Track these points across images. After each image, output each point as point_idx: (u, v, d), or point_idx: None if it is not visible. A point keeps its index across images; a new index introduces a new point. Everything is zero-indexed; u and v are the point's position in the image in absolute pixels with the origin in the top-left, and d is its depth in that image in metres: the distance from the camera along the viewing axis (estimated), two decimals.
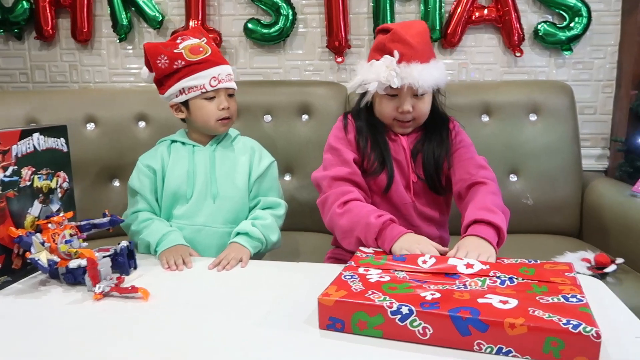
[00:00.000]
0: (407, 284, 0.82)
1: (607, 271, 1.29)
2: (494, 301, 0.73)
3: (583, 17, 1.83)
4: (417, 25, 1.17)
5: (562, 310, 0.70)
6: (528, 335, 0.67)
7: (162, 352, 0.74)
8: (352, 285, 0.81)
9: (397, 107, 1.17)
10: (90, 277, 0.96)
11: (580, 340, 0.65)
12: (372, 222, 1.05)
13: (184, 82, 1.26)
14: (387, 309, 0.73)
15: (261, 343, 0.76)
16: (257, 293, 0.95)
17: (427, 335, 0.72)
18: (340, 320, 0.77)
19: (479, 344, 0.69)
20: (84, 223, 1.11)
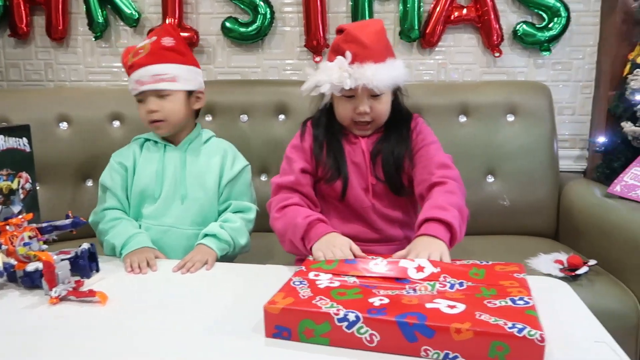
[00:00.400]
0: (357, 289, 0.81)
1: (579, 273, 1.28)
2: (442, 306, 0.73)
3: (562, 17, 1.82)
4: (372, 25, 1.15)
5: (509, 314, 0.70)
6: (474, 340, 0.66)
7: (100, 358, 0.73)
8: (300, 292, 0.80)
9: (355, 108, 1.15)
10: (47, 280, 0.94)
11: (524, 344, 0.64)
12: (299, 223, 1.06)
13: (129, 84, 1.29)
14: (334, 316, 0.72)
15: (204, 352, 0.74)
16: (218, 297, 0.93)
17: (374, 342, 0.71)
18: (287, 328, 0.75)
19: (425, 350, 0.69)
20: (45, 225, 1.09)
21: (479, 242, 1.56)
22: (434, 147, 1.19)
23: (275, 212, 1.14)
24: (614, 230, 1.39)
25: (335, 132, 1.20)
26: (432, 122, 1.68)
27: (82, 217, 1.13)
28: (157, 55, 1.26)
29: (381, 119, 1.19)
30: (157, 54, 1.26)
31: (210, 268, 1.09)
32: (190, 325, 0.81)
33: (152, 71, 1.25)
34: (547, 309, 0.84)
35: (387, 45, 1.17)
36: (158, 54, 1.26)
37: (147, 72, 1.25)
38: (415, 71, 1.93)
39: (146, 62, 1.25)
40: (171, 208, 1.27)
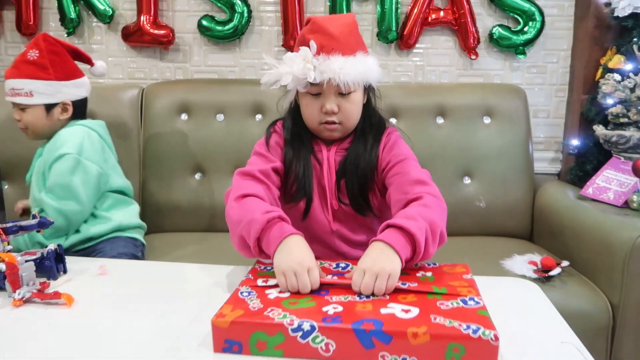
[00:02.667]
0: (309, 298, 0.78)
1: (552, 274, 1.30)
2: (397, 311, 0.72)
3: (537, 21, 1.85)
4: (343, 17, 1.07)
5: (462, 315, 0.70)
6: (431, 344, 0.66)
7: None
8: (249, 304, 0.76)
9: (321, 107, 1.03)
10: (10, 282, 0.90)
11: (480, 345, 0.65)
12: (257, 218, 0.89)
13: None
14: (288, 326, 0.69)
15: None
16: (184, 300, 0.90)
17: (330, 352, 0.69)
18: (237, 342, 0.71)
19: (383, 356, 0.68)
20: (10, 225, 1.05)
21: (454, 244, 1.55)
22: (409, 164, 1.04)
23: (232, 200, 0.97)
24: (586, 232, 1.41)
25: (303, 143, 1.09)
26: (409, 124, 1.71)
27: (48, 218, 1.10)
28: (18, 70, 1.35)
29: (351, 121, 1.06)
30: (18, 68, 1.35)
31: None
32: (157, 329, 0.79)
33: (10, 84, 1.35)
34: (516, 310, 0.85)
35: (358, 38, 1.05)
36: (19, 68, 1.35)
37: (7, 85, 1.36)
38: (392, 72, 1.94)
39: (9, 74, 1.36)
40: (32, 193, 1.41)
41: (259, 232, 0.88)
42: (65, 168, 1.32)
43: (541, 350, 0.72)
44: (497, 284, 0.97)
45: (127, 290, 0.96)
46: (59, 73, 1.38)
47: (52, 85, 1.36)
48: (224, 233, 1.13)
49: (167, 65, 1.96)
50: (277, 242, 0.86)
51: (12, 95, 1.35)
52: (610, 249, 1.30)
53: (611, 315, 1.28)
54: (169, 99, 1.77)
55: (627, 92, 1.63)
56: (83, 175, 1.34)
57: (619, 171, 1.55)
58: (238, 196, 0.97)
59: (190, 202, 1.73)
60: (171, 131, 1.74)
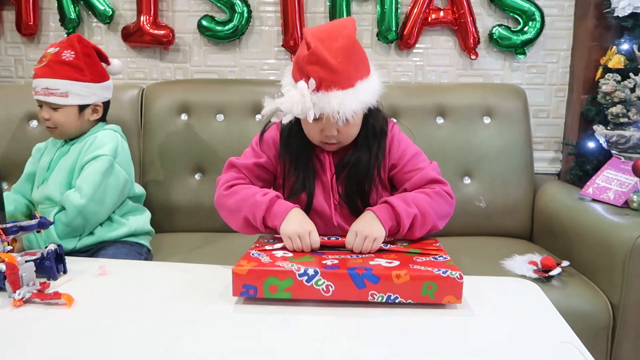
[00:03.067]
0: (309, 256, 0.95)
1: (552, 274, 1.30)
2: (382, 262, 0.90)
3: (537, 21, 1.85)
4: (342, 37, 0.99)
5: (434, 264, 0.88)
6: (410, 283, 0.83)
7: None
8: (261, 259, 0.92)
9: (322, 130, 1.06)
10: (10, 282, 0.90)
11: (448, 282, 0.83)
12: (259, 200, 1.03)
13: None
14: (296, 272, 0.85)
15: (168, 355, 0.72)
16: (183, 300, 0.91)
17: (329, 292, 0.84)
18: (253, 286, 0.86)
19: (372, 295, 0.84)
20: (9, 225, 1.05)
21: (454, 243, 1.57)
22: (420, 160, 1.13)
23: (223, 189, 1.10)
24: (586, 232, 1.41)
25: (304, 144, 1.13)
26: (409, 124, 1.70)
27: (48, 218, 1.10)
28: (53, 69, 1.34)
29: (350, 139, 1.10)
30: (53, 68, 1.34)
31: None
32: (157, 329, 0.79)
33: (44, 84, 1.34)
34: (516, 310, 0.86)
35: (358, 62, 1.03)
36: (54, 68, 1.34)
37: (40, 84, 1.34)
38: (392, 72, 1.94)
39: (42, 74, 1.34)
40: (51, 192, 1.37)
41: (264, 211, 1.03)
42: (99, 169, 1.33)
43: (541, 350, 0.72)
44: (497, 284, 0.97)
45: (127, 291, 0.96)
46: (93, 75, 1.39)
47: (88, 87, 1.38)
48: (224, 233, 1.14)
49: (167, 65, 1.96)
50: (282, 216, 1.01)
51: (46, 94, 1.34)
52: (610, 249, 1.29)
53: (611, 315, 1.28)
54: (169, 99, 1.77)
55: (627, 92, 1.63)
56: (113, 180, 1.35)
57: (619, 171, 1.55)
58: (226, 186, 1.10)
59: (190, 202, 1.73)
60: (171, 131, 1.74)
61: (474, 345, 0.74)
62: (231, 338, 0.77)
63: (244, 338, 0.77)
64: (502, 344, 0.74)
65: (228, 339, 0.77)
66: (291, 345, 0.74)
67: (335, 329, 0.79)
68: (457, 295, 0.83)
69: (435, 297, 0.83)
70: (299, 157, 1.13)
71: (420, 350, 0.72)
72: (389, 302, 0.84)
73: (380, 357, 0.71)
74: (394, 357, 0.71)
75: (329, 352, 0.73)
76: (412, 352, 0.72)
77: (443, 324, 0.80)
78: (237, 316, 0.83)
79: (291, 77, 1.04)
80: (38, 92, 1.34)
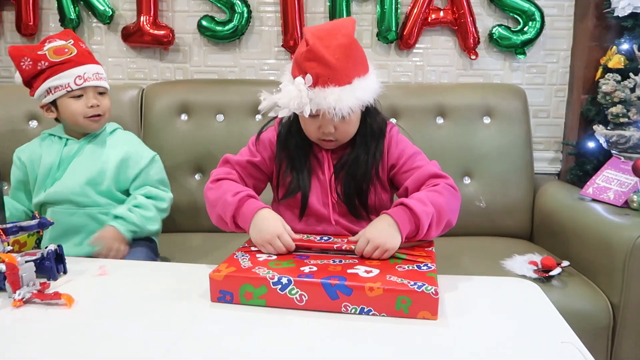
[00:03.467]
0: (291, 260, 0.94)
1: (552, 274, 1.30)
2: (360, 271, 0.87)
3: (537, 21, 1.85)
4: (341, 36, 1.00)
5: (413, 276, 0.85)
6: (383, 296, 0.81)
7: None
8: (241, 263, 0.92)
9: (319, 127, 1.06)
10: (10, 282, 0.90)
11: (423, 297, 0.80)
12: (229, 200, 1.03)
13: (49, 82, 1.30)
14: (270, 280, 0.84)
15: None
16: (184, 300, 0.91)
17: (303, 302, 0.84)
18: (230, 292, 0.86)
19: (345, 306, 0.83)
20: (10, 226, 1.05)
21: (454, 244, 1.57)
22: (419, 158, 1.13)
23: (210, 182, 1.12)
24: (586, 232, 1.41)
25: (302, 142, 1.13)
26: (409, 124, 1.71)
27: (49, 218, 1.10)
28: (90, 57, 1.36)
29: (347, 137, 1.11)
30: (89, 56, 1.36)
31: (123, 254, 1.26)
32: (157, 330, 0.79)
33: (94, 69, 1.34)
34: (516, 310, 0.86)
35: (356, 60, 1.03)
36: (89, 56, 1.36)
37: (90, 70, 1.33)
38: (392, 73, 1.94)
39: (86, 60, 1.33)
40: (72, 193, 1.34)
41: (233, 211, 1.03)
42: (162, 167, 1.45)
43: (541, 350, 0.72)
44: (497, 284, 0.97)
45: (127, 291, 0.96)
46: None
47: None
48: (224, 233, 1.14)
49: (167, 65, 1.96)
50: (249, 219, 1.01)
51: (97, 79, 1.34)
52: (610, 249, 1.29)
53: (611, 315, 1.28)
54: (169, 99, 1.77)
55: (627, 92, 1.63)
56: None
57: (619, 171, 1.55)
58: (213, 179, 1.12)
59: (190, 202, 1.73)
60: (171, 131, 1.74)
61: (474, 345, 0.74)
62: (231, 338, 0.77)
63: (243, 338, 0.77)
64: (502, 344, 0.73)
65: (228, 339, 0.77)
66: (291, 346, 0.74)
67: (335, 329, 0.79)
68: (433, 311, 0.80)
69: (410, 312, 0.80)
70: (295, 156, 1.13)
71: (420, 351, 0.72)
72: (362, 314, 0.82)
73: (382, 357, 0.71)
74: (392, 357, 0.71)
75: (328, 352, 0.73)
76: (412, 352, 0.72)
77: (443, 324, 0.80)
78: (237, 316, 0.83)
79: (290, 75, 1.05)
80: (88, 79, 1.32)
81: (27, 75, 1.31)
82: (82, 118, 1.33)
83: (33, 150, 1.39)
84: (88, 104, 1.32)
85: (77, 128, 1.36)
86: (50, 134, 1.40)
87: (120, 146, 1.39)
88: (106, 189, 1.36)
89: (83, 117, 1.33)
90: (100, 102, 1.34)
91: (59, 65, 1.29)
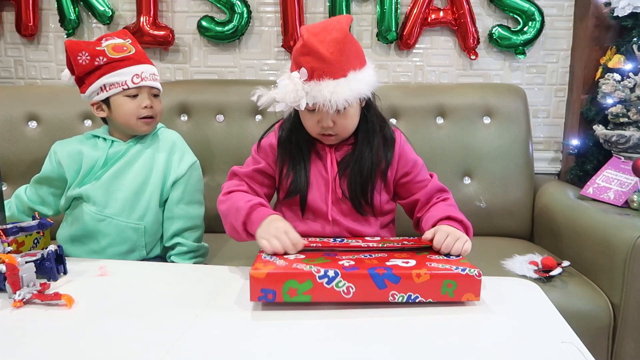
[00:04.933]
0: (322, 258, 0.92)
1: (553, 274, 1.29)
2: (399, 262, 0.88)
3: (536, 21, 1.85)
4: (335, 31, 1.02)
5: (450, 262, 0.88)
6: (430, 282, 0.83)
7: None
8: (275, 263, 0.89)
9: (318, 121, 1.08)
10: (10, 283, 0.90)
11: (467, 280, 0.84)
12: (241, 207, 1.05)
13: (105, 79, 1.26)
14: (316, 274, 0.83)
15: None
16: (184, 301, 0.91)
17: (350, 294, 0.83)
18: (272, 290, 0.83)
19: (393, 295, 0.84)
20: (10, 226, 1.06)
21: None
22: (423, 171, 1.18)
23: (222, 195, 1.14)
24: (586, 232, 1.41)
25: (302, 140, 1.15)
26: (409, 124, 1.72)
27: (48, 219, 1.10)
28: (147, 58, 1.33)
29: (347, 131, 1.12)
30: (146, 56, 1.32)
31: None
32: (157, 330, 0.79)
33: (151, 70, 1.30)
34: (516, 310, 0.86)
35: (351, 54, 1.04)
36: (146, 56, 1.33)
37: (148, 70, 1.29)
38: (392, 73, 1.94)
39: (144, 60, 1.30)
40: (109, 200, 1.28)
41: (244, 217, 1.04)
42: (200, 175, 1.40)
43: (541, 350, 0.72)
44: (497, 284, 0.97)
45: (128, 291, 0.96)
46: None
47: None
48: (224, 234, 1.14)
49: (167, 66, 1.96)
50: (259, 222, 1.02)
51: (153, 80, 1.30)
52: (611, 249, 1.29)
53: (612, 315, 1.28)
54: (169, 99, 1.76)
55: (627, 91, 1.63)
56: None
57: (619, 171, 1.55)
58: (225, 192, 1.14)
59: None
60: None
61: (474, 345, 0.74)
62: (231, 339, 0.77)
63: (244, 339, 0.77)
64: (502, 344, 0.73)
65: (228, 340, 0.76)
66: (294, 346, 0.74)
67: (330, 329, 0.79)
68: (476, 292, 0.84)
69: (455, 295, 0.83)
70: (297, 155, 1.14)
71: (420, 351, 0.72)
72: (409, 302, 0.83)
73: (382, 357, 0.70)
74: (394, 357, 0.71)
75: (328, 353, 0.73)
76: (412, 353, 0.72)
77: (443, 324, 0.80)
78: (237, 317, 0.83)
79: (289, 72, 1.06)
80: (145, 78, 1.27)
81: (83, 70, 1.26)
82: (134, 119, 1.28)
83: (73, 146, 1.32)
84: (142, 104, 1.28)
85: (127, 129, 1.30)
86: (94, 135, 1.33)
87: (165, 149, 1.34)
88: (148, 198, 1.30)
89: (136, 118, 1.28)
90: (153, 104, 1.30)
91: (118, 62, 1.25)
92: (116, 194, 1.28)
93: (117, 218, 1.27)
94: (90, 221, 1.26)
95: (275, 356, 0.72)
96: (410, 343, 0.74)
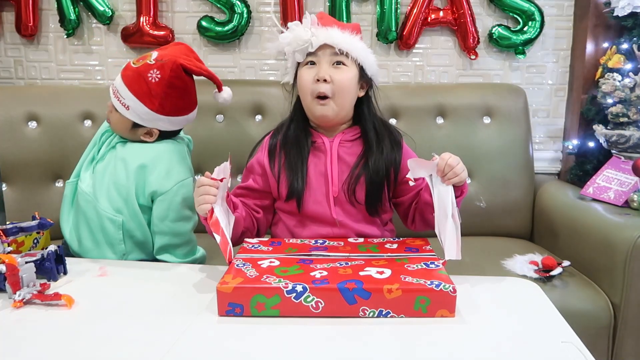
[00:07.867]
0: (297, 266, 0.90)
1: (553, 274, 1.30)
2: (373, 273, 0.86)
3: (536, 21, 1.85)
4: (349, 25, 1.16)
5: (426, 275, 0.85)
6: (402, 297, 0.80)
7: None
8: (246, 272, 0.87)
9: (315, 76, 1.10)
10: (10, 283, 0.90)
11: (441, 296, 0.80)
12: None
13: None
14: (283, 289, 0.81)
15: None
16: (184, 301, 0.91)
17: (319, 309, 0.81)
18: (239, 304, 0.82)
19: (363, 310, 0.81)
20: (10, 226, 1.06)
21: None
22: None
23: None
24: (587, 232, 1.41)
25: (301, 133, 1.17)
26: (409, 124, 1.71)
27: (49, 219, 1.10)
28: (133, 79, 1.24)
29: (342, 96, 1.11)
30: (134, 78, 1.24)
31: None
32: (157, 330, 0.79)
33: (118, 85, 1.24)
34: (516, 310, 0.86)
35: (355, 30, 1.15)
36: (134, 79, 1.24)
37: (116, 82, 1.25)
38: (392, 73, 1.94)
39: (124, 75, 1.25)
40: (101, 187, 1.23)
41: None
42: (190, 193, 1.25)
43: (542, 350, 0.72)
44: (498, 283, 0.97)
45: (127, 291, 0.96)
46: (165, 108, 1.23)
47: (151, 114, 1.23)
48: None
49: None
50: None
51: (114, 94, 1.24)
52: (611, 249, 1.29)
53: (612, 315, 1.28)
54: None
55: (627, 91, 1.63)
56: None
57: (619, 170, 1.55)
58: None
59: None
60: None
61: (474, 345, 0.74)
62: (232, 339, 0.77)
63: (243, 339, 0.77)
64: (502, 344, 0.73)
65: (228, 340, 0.76)
66: (293, 348, 0.74)
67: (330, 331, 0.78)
68: (450, 309, 0.81)
69: (428, 311, 0.81)
70: (295, 155, 1.15)
71: (420, 351, 0.72)
72: (380, 316, 0.81)
73: (382, 357, 0.70)
74: (394, 357, 0.71)
75: (328, 353, 0.73)
76: (410, 353, 0.72)
77: (443, 324, 0.80)
78: (237, 317, 0.83)
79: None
80: (112, 87, 1.25)
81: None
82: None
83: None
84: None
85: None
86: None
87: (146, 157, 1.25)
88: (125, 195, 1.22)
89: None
90: (110, 111, 1.28)
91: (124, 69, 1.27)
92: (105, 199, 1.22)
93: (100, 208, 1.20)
94: (84, 202, 1.21)
95: (275, 357, 0.72)
96: (407, 343, 0.74)
